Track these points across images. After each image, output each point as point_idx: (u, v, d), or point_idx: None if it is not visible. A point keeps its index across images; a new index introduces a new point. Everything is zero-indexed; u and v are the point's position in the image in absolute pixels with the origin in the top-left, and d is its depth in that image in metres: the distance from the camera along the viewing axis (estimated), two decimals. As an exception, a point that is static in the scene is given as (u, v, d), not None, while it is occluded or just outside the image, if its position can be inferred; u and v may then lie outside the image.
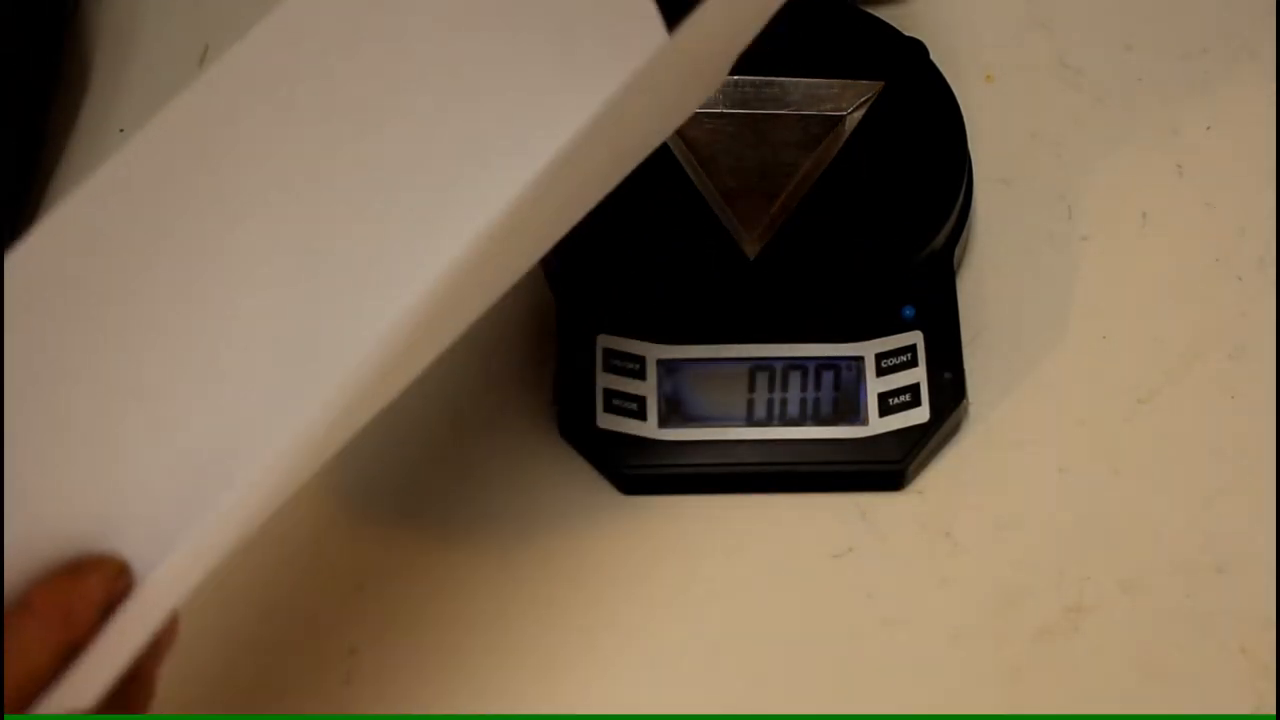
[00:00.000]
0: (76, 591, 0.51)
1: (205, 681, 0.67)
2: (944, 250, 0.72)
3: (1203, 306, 0.73)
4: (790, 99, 0.72)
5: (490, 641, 0.67)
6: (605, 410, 0.69)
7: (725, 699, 0.66)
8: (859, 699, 0.66)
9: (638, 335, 0.70)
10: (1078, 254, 0.74)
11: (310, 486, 0.70)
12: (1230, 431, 0.71)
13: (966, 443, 0.71)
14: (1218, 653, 0.67)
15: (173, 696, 0.66)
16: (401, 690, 0.66)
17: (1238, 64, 0.78)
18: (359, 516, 0.69)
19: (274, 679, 0.67)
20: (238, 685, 0.67)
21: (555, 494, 0.70)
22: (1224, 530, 0.69)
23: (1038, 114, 0.77)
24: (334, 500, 0.70)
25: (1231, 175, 0.76)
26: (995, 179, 0.76)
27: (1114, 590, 0.68)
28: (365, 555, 0.69)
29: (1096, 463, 0.70)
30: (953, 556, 0.69)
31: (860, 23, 0.75)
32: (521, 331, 0.73)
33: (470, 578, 0.68)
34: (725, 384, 0.70)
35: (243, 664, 0.67)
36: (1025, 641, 0.67)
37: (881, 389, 0.69)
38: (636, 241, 0.70)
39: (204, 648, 0.67)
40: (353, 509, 0.70)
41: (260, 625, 0.67)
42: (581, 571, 0.68)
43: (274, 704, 0.66)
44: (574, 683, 0.67)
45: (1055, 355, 0.72)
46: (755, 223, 0.70)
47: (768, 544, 0.69)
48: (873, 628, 0.67)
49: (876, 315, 0.70)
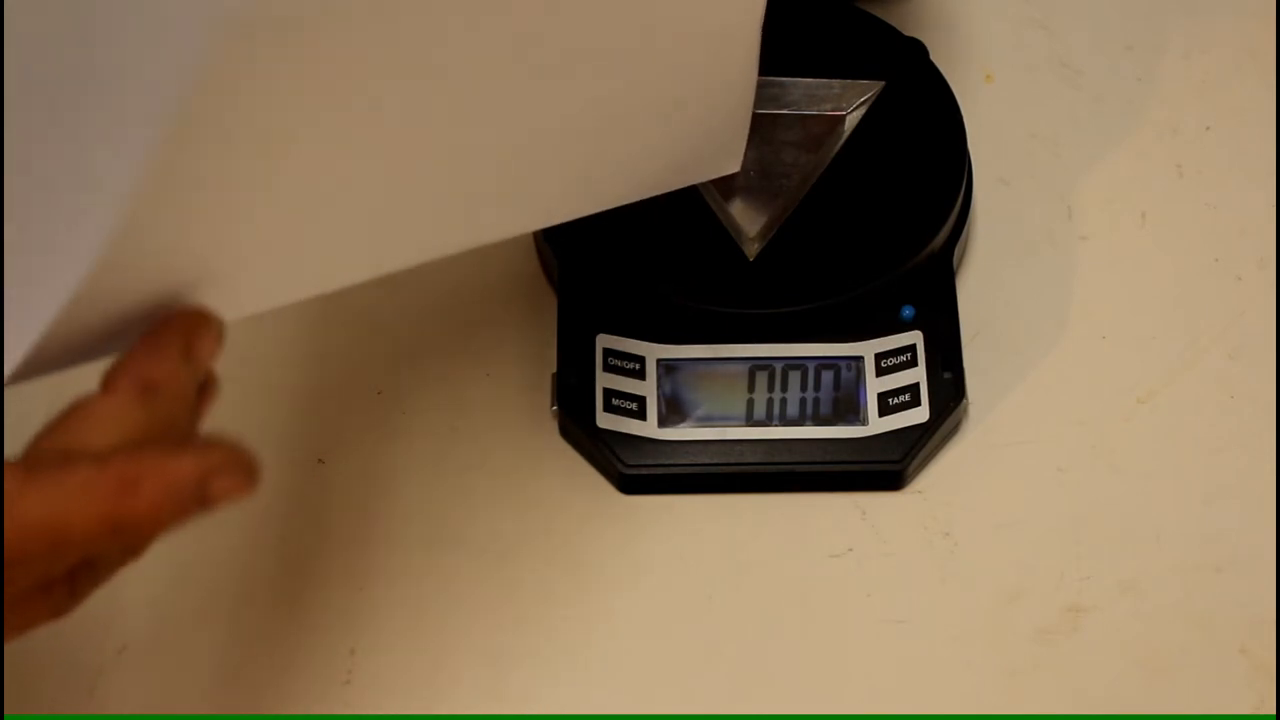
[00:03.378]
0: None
1: (205, 681, 0.67)
2: (944, 250, 0.72)
3: (1203, 306, 0.73)
4: (790, 99, 0.72)
5: (490, 641, 0.67)
6: (605, 410, 0.69)
7: (725, 699, 0.66)
8: (859, 699, 0.66)
9: (638, 335, 0.70)
10: (1078, 254, 0.74)
11: (310, 486, 0.70)
12: (1230, 431, 0.71)
13: (966, 442, 0.71)
14: (1218, 653, 0.67)
15: (173, 696, 0.67)
16: (401, 690, 0.66)
17: (1238, 64, 0.78)
18: (359, 517, 0.69)
19: (274, 679, 0.67)
20: (238, 685, 0.67)
21: (555, 494, 0.70)
22: (1224, 530, 0.69)
23: (1038, 114, 0.77)
24: (334, 500, 0.70)
25: (1231, 175, 0.76)
26: (995, 179, 0.76)
27: (1114, 590, 0.68)
28: (365, 555, 0.69)
29: (1096, 463, 0.70)
30: (952, 556, 0.69)
31: (860, 23, 0.75)
32: (521, 331, 0.73)
33: (470, 578, 0.68)
34: (725, 384, 0.70)
35: (243, 664, 0.67)
36: (1025, 641, 0.67)
37: (881, 389, 0.69)
38: (636, 241, 0.70)
39: (204, 647, 0.67)
40: (353, 509, 0.70)
41: (260, 625, 0.67)
42: (581, 571, 0.68)
43: (274, 704, 0.66)
44: (574, 683, 0.67)
45: (1055, 355, 0.72)
46: (755, 223, 0.70)
47: (768, 544, 0.69)
48: (872, 628, 0.67)
49: (876, 315, 0.70)
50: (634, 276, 0.70)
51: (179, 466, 0.49)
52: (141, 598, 0.68)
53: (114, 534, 0.49)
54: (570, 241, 0.71)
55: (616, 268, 0.70)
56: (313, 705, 0.66)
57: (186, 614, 0.68)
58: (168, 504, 0.49)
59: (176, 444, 0.50)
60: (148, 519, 0.49)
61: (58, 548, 0.48)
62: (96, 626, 0.67)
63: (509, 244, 0.74)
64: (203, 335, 0.53)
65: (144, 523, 0.49)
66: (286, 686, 0.67)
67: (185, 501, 0.49)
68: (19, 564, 0.48)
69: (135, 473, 0.48)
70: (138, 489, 0.48)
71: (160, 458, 0.49)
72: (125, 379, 0.51)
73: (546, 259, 0.73)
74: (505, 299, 0.74)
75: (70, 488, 0.48)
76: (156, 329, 0.52)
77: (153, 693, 0.66)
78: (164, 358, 0.52)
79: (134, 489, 0.48)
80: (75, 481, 0.48)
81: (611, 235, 0.70)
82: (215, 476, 0.49)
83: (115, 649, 0.67)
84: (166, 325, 0.52)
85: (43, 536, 0.48)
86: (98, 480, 0.48)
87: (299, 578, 0.68)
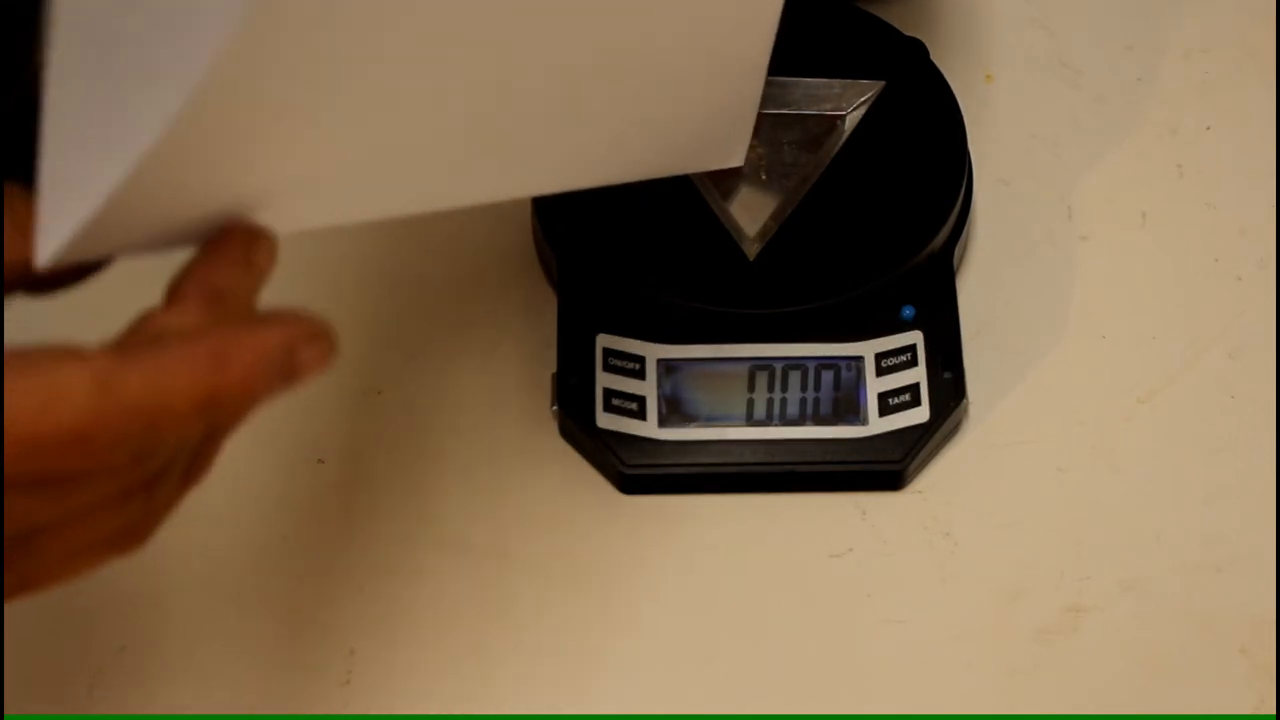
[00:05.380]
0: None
1: (205, 681, 0.67)
2: (944, 250, 0.72)
3: (1203, 306, 0.73)
4: (790, 99, 0.72)
5: (490, 641, 0.67)
6: (605, 410, 0.69)
7: (725, 699, 0.66)
8: (859, 699, 0.66)
9: (638, 335, 0.70)
10: (1078, 254, 0.74)
11: (310, 486, 0.70)
12: (1230, 431, 0.71)
13: (966, 442, 0.71)
14: (1218, 653, 0.67)
15: (173, 696, 0.67)
16: (401, 690, 0.66)
17: (1238, 64, 0.78)
18: (359, 516, 0.69)
19: (274, 679, 0.67)
20: (238, 685, 0.67)
21: (555, 494, 0.70)
22: (1224, 530, 0.69)
23: (1038, 114, 0.77)
24: (334, 500, 0.70)
25: (1231, 175, 0.76)
26: (995, 179, 0.76)
27: (1114, 590, 0.68)
28: (365, 555, 0.69)
29: (1096, 462, 0.70)
30: (952, 556, 0.69)
31: (860, 23, 0.75)
32: (521, 331, 0.73)
33: (470, 578, 0.68)
34: (725, 384, 0.70)
35: (243, 664, 0.67)
36: (1025, 641, 0.67)
37: (881, 389, 0.70)
38: (636, 241, 0.70)
39: (204, 647, 0.67)
40: (353, 509, 0.70)
41: (260, 625, 0.67)
42: (581, 571, 0.68)
43: (274, 704, 0.66)
44: (574, 683, 0.67)
45: (1055, 355, 0.72)
46: (755, 223, 0.70)
47: (767, 544, 0.69)
48: (872, 628, 0.67)
49: (876, 315, 0.70)
50: (634, 276, 0.70)
51: (267, 337, 0.50)
52: (141, 598, 0.68)
53: (209, 410, 0.49)
54: (570, 241, 0.71)
55: (616, 268, 0.70)
56: (312, 705, 0.66)
57: (186, 614, 0.68)
58: (259, 375, 0.49)
59: (261, 319, 0.51)
60: (241, 392, 0.49)
61: (155, 429, 0.49)
62: (96, 626, 0.67)
63: (509, 244, 0.74)
64: (260, 246, 0.53)
65: (237, 396, 0.49)
66: (286, 686, 0.67)
67: (274, 372, 0.50)
68: (113, 450, 0.48)
69: (226, 346, 0.49)
70: (230, 361, 0.49)
71: (248, 331, 0.50)
72: (192, 288, 0.52)
73: (546, 259, 0.73)
74: (505, 299, 0.74)
75: (165, 363, 0.48)
76: (216, 241, 0.53)
77: (153, 693, 0.66)
78: (227, 267, 0.52)
79: (226, 361, 0.49)
80: (169, 358, 0.49)
81: (611, 235, 0.70)
82: (301, 346, 0.50)
83: (115, 649, 0.67)
84: (226, 237, 0.53)
85: (142, 416, 0.48)
86: (191, 355, 0.49)
87: (299, 578, 0.68)
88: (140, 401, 0.48)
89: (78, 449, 0.48)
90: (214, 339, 0.49)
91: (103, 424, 0.48)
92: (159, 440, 0.49)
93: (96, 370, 0.48)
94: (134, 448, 0.49)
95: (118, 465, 0.49)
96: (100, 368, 0.48)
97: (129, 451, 0.49)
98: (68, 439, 0.47)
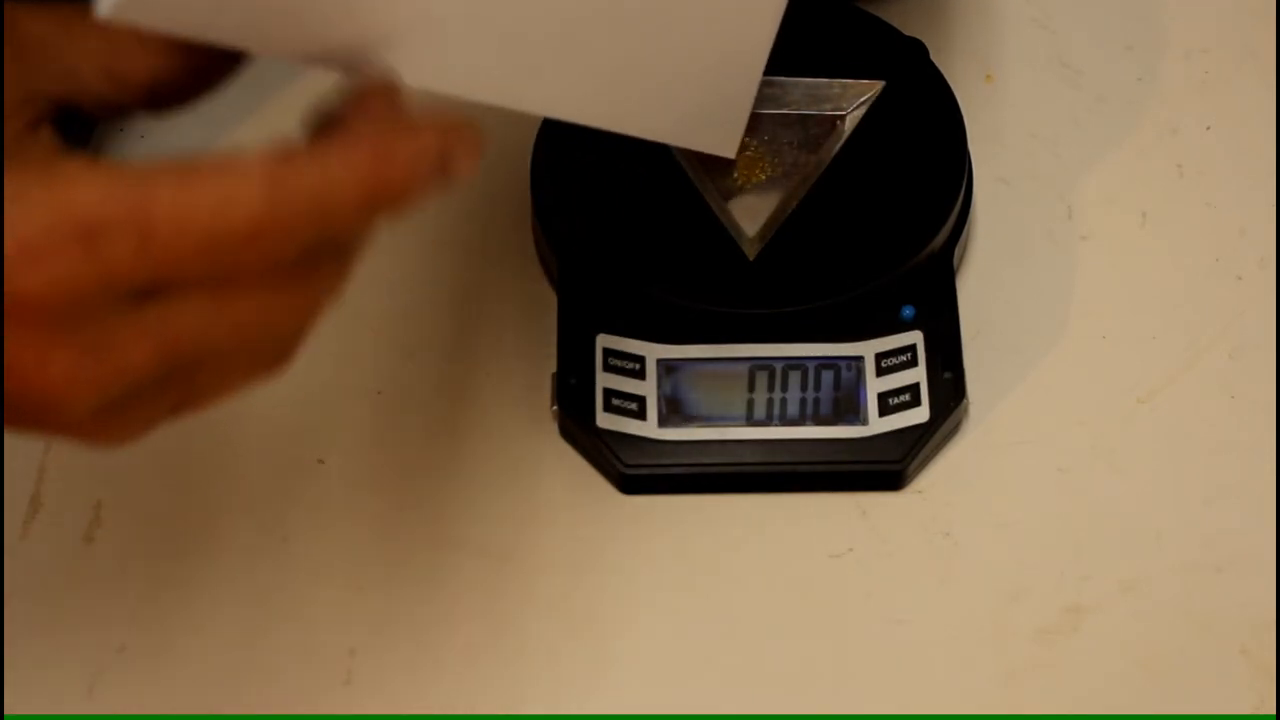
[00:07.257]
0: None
1: (205, 681, 0.67)
2: (944, 250, 0.72)
3: (1203, 306, 0.73)
4: (790, 99, 0.72)
5: (490, 641, 0.67)
6: (605, 410, 0.69)
7: (725, 699, 0.66)
8: (859, 699, 0.66)
9: (638, 335, 0.70)
10: (1078, 254, 0.74)
11: (310, 486, 0.70)
12: (1230, 431, 0.71)
13: (966, 442, 0.71)
14: (1218, 653, 0.67)
15: (173, 696, 0.67)
16: (401, 690, 0.66)
17: (1238, 64, 0.79)
18: (359, 517, 0.69)
19: (274, 679, 0.67)
20: (237, 685, 0.67)
21: (555, 494, 0.70)
22: (1224, 530, 0.69)
23: (1038, 114, 0.77)
24: (334, 500, 0.70)
25: (1231, 175, 0.76)
26: (995, 179, 0.76)
27: (1114, 590, 0.68)
28: (365, 555, 0.69)
29: (1096, 462, 0.70)
30: (952, 556, 0.69)
31: (860, 23, 0.75)
32: (521, 331, 0.73)
33: (470, 578, 0.68)
34: (725, 384, 0.70)
35: (243, 664, 0.67)
36: (1025, 641, 0.67)
37: (881, 389, 0.70)
38: (636, 241, 0.70)
39: (204, 647, 0.67)
40: (353, 510, 0.70)
41: (260, 625, 0.67)
42: (581, 571, 0.68)
43: (274, 704, 0.66)
44: (574, 682, 0.67)
45: (1055, 355, 0.72)
46: (755, 223, 0.70)
47: (767, 544, 0.69)
48: (872, 628, 0.67)
49: (876, 315, 0.70)
50: (634, 276, 0.70)
51: (426, 137, 0.52)
52: (141, 598, 0.68)
53: (373, 206, 0.51)
54: (570, 241, 0.71)
55: (616, 268, 0.70)
56: (312, 705, 0.66)
57: (186, 614, 0.68)
58: (419, 172, 0.51)
59: (416, 124, 0.52)
60: (401, 187, 0.51)
61: (323, 224, 0.50)
62: (96, 626, 0.67)
63: (509, 244, 0.74)
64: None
65: (398, 192, 0.51)
66: (286, 686, 0.67)
67: (431, 171, 0.51)
68: (284, 246, 0.50)
69: (388, 143, 0.51)
70: (392, 159, 0.51)
71: (408, 131, 0.52)
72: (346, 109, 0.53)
73: (546, 259, 0.73)
74: (505, 299, 0.74)
75: (331, 162, 0.50)
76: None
77: (153, 693, 0.66)
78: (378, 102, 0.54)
79: (389, 159, 0.51)
80: (334, 158, 0.50)
81: (611, 235, 0.70)
82: (455, 147, 0.52)
83: (115, 649, 0.67)
84: (370, 89, 0.54)
85: (312, 212, 0.50)
86: (355, 153, 0.50)
87: (299, 578, 0.68)
88: (310, 197, 0.50)
89: (253, 245, 0.49)
90: (375, 139, 0.51)
91: (275, 218, 0.49)
92: (325, 237, 0.51)
93: (267, 169, 0.49)
94: (303, 242, 0.50)
95: (285, 262, 0.50)
96: (271, 167, 0.49)
97: (298, 247, 0.50)
98: (243, 235, 0.49)
